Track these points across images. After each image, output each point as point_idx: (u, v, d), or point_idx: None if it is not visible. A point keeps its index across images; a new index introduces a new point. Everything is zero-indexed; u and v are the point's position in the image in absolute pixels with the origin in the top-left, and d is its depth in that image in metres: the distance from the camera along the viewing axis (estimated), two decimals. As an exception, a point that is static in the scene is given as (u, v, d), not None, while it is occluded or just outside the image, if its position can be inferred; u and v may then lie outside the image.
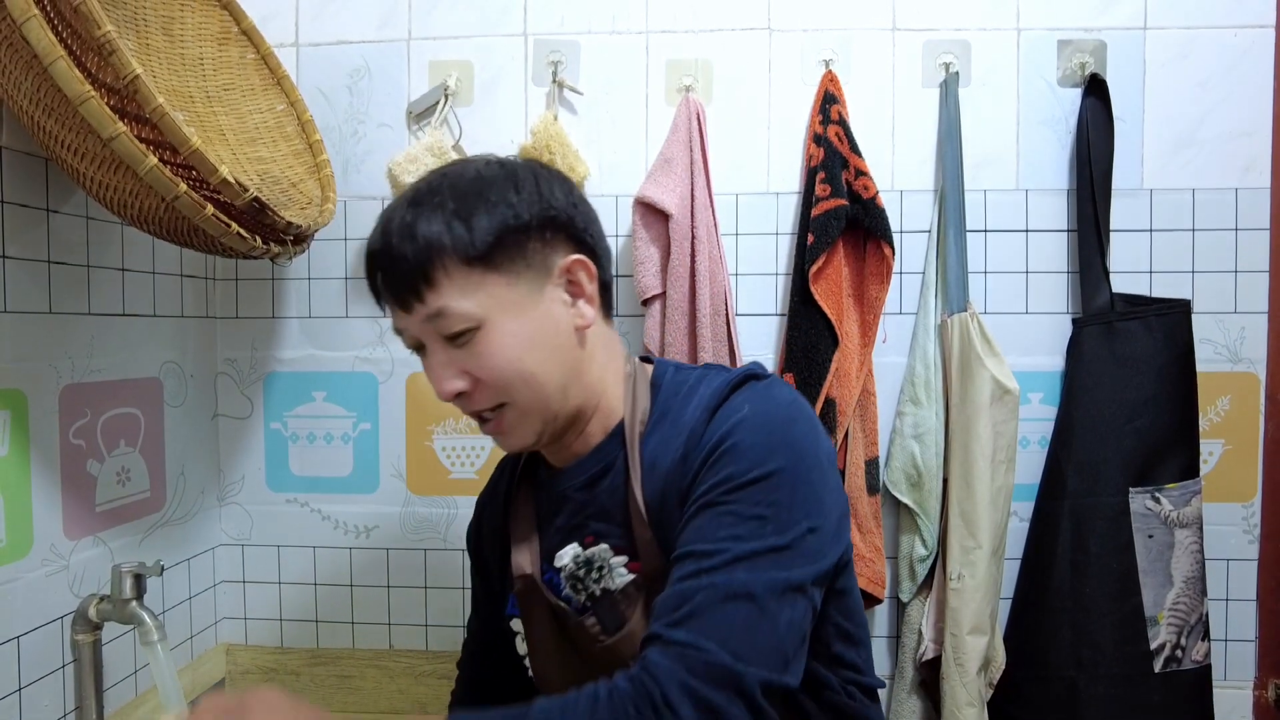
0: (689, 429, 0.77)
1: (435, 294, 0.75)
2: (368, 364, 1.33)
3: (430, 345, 0.78)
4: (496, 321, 0.76)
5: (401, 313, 0.78)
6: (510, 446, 0.82)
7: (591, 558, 0.81)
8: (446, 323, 0.75)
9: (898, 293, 1.27)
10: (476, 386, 0.77)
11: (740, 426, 0.74)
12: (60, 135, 0.84)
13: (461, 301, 0.75)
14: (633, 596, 0.78)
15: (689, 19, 1.28)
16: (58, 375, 1.01)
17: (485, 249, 0.75)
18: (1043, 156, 1.26)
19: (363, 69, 1.31)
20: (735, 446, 0.73)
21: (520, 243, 0.77)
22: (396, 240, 0.76)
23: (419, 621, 1.34)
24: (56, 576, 1.00)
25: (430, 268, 0.75)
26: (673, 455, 0.77)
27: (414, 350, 0.81)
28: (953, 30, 1.26)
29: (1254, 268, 1.24)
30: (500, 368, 0.76)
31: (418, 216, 0.76)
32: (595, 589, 0.80)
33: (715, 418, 0.76)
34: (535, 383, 0.78)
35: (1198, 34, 1.23)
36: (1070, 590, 1.18)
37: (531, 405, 0.78)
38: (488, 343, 0.76)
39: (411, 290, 0.75)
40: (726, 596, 0.66)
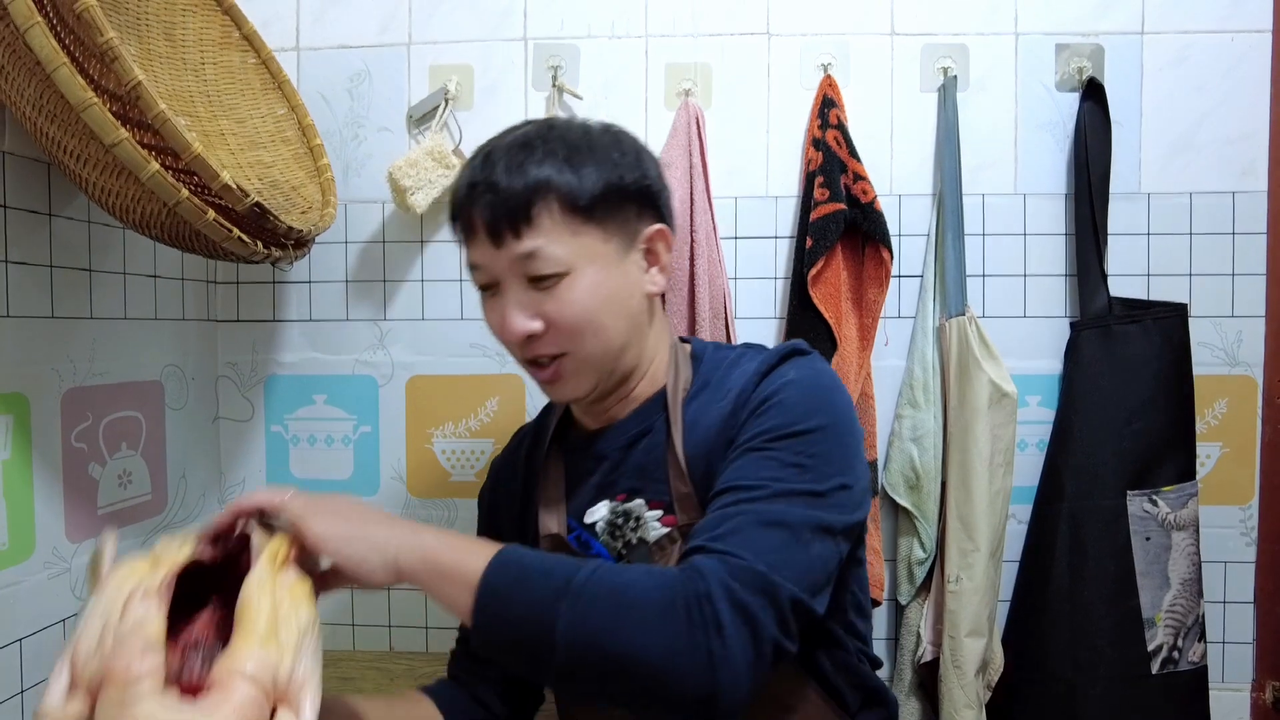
0: (737, 389, 0.81)
1: (533, 234, 0.77)
2: (368, 367, 1.33)
3: (508, 283, 0.80)
4: (583, 272, 0.78)
5: (491, 246, 0.79)
6: (561, 395, 0.84)
7: (630, 509, 0.84)
8: (536, 264, 0.77)
9: (896, 296, 1.28)
10: (547, 331, 0.80)
11: (788, 386, 0.78)
12: (63, 141, 0.84)
13: (556, 247, 0.77)
14: (667, 549, 0.81)
15: (688, 23, 1.29)
16: (60, 379, 1.01)
17: (589, 200, 0.78)
18: (1041, 160, 1.26)
19: (363, 73, 1.32)
20: (782, 402, 0.77)
21: (619, 202, 0.80)
22: (504, 174, 0.77)
23: (419, 624, 1.34)
24: (58, 579, 1.01)
25: (535, 207, 0.77)
26: (719, 413, 0.81)
27: (482, 288, 0.83)
28: (951, 34, 1.27)
29: (1251, 271, 1.24)
30: (576, 316, 0.79)
31: (528, 157, 0.78)
32: (632, 538, 0.83)
33: (764, 381, 0.80)
34: (604, 336, 0.81)
35: (1195, 38, 1.24)
36: (1068, 592, 1.18)
37: (593, 357, 0.81)
38: (570, 290, 0.78)
39: (510, 225, 0.77)
40: (764, 522, 0.69)
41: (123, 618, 0.56)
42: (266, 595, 0.60)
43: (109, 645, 0.55)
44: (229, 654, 0.57)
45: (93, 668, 0.55)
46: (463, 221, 0.81)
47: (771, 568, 0.66)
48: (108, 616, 0.57)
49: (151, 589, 0.58)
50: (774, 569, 0.66)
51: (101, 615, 0.57)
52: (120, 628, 0.55)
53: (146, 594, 0.57)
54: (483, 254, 0.80)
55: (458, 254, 1.32)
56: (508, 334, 0.80)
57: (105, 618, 0.57)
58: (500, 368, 1.32)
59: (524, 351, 0.82)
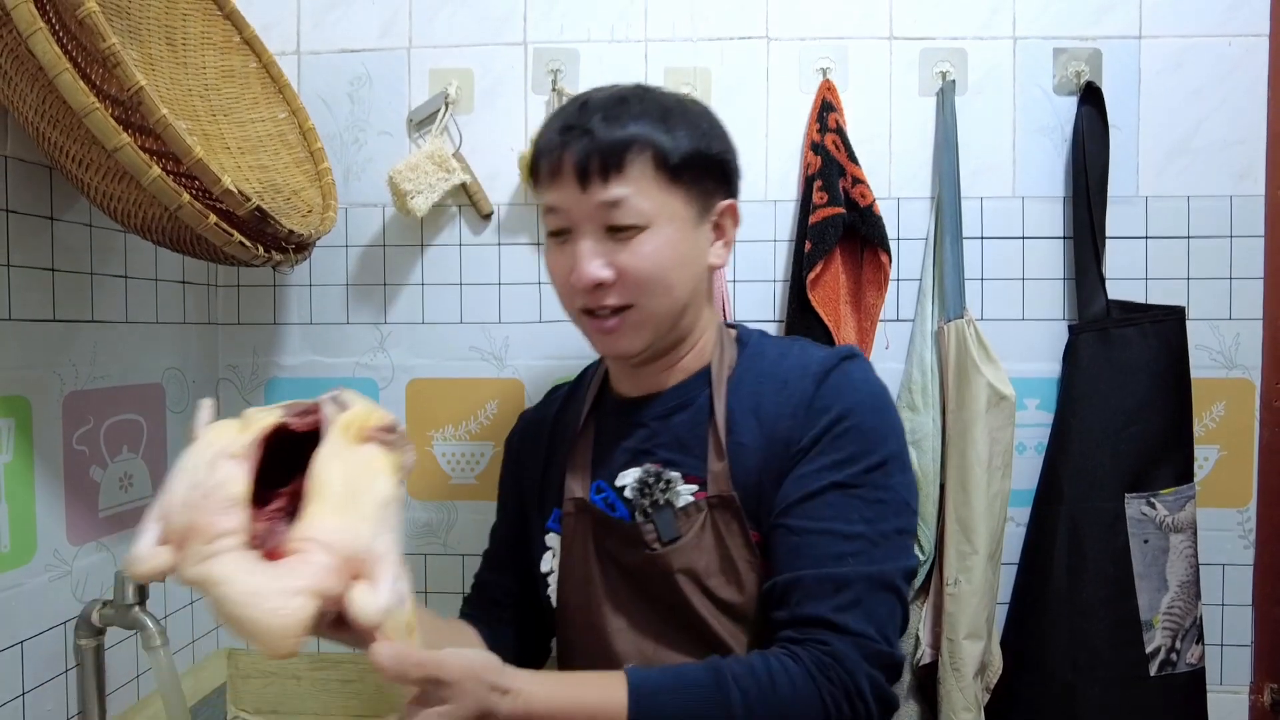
0: (797, 389, 0.84)
1: (622, 183, 0.80)
2: (368, 370, 1.34)
3: (584, 230, 0.82)
4: (661, 229, 0.82)
5: (576, 189, 0.81)
6: (616, 348, 0.86)
7: (661, 473, 0.86)
8: (620, 213, 0.80)
9: (895, 299, 1.28)
10: (617, 281, 0.82)
11: (859, 408, 0.82)
12: (65, 146, 0.85)
13: (641, 199, 0.80)
14: (693, 515, 0.84)
15: (687, 28, 1.29)
16: (61, 382, 1.02)
17: (679, 161, 0.81)
18: (1039, 164, 1.27)
19: (364, 77, 1.32)
20: (857, 427, 0.81)
21: (703, 170, 0.84)
22: (601, 123, 0.80)
23: (419, 626, 1.34)
24: (60, 582, 1.01)
25: (629, 157, 0.80)
26: (774, 405, 0.84)
27: (554, 233, 0.85)
28: (949, 39, 1.27)
29: (1248, 274, 1.25)
30: (649, 270, 0.81)
31: (625, 111, 0.81)
32: (660, 499, 0.85)
33: (825, 384, 0.83)
34: (670, 295, 0.84)
35: (1192, 43, 1.24)
36: (1066, 595, 1.18)
37: (655, 314, 0.84)
38: (646, 244, 0.81)
39: (601, 170, 0.80)
40: (876, 585, 0.76)
41: (208, 476, 0.57)
42: (338, 465, 0.60)
43: (193, 501, 0.56)
44: (303, 521, 0.57)
45: (179, 521, 0.55)
46: (548, 163, 0.83)
47: (889, 641, 0.75)
48: (195, 473, 0.57)
49: (239, 450, 0.59)
50: (890, 642, 0.75)
51: (190, 471, 0.58)
52: (206, 486, 0.56)
53: (234, 455, 0.58)
54: (565, 197, 0.82)
55: (458, 257, 1.32)
56: (579, 278, 0.82)
57: (193, 474, 0.57)
58: (499, 371, 1.32)
59: (589, 300, 0.83)
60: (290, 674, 1.35)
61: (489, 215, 1.32)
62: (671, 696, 0.71)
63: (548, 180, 0.84)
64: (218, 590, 0.53)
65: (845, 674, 0.72)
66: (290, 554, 0.56)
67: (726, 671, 0.73)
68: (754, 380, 0.87)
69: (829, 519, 0.78)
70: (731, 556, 0.83)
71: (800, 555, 0.78)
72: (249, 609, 0.52)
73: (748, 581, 0.83)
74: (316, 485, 0.59)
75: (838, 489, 0.79)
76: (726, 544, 0.83)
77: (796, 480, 0.81)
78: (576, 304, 0.85)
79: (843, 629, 0.74)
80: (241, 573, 0.54)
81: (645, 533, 0.85)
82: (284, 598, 0.53)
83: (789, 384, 0.85)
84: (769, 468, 0.83)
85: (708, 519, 0.84)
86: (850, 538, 0.77)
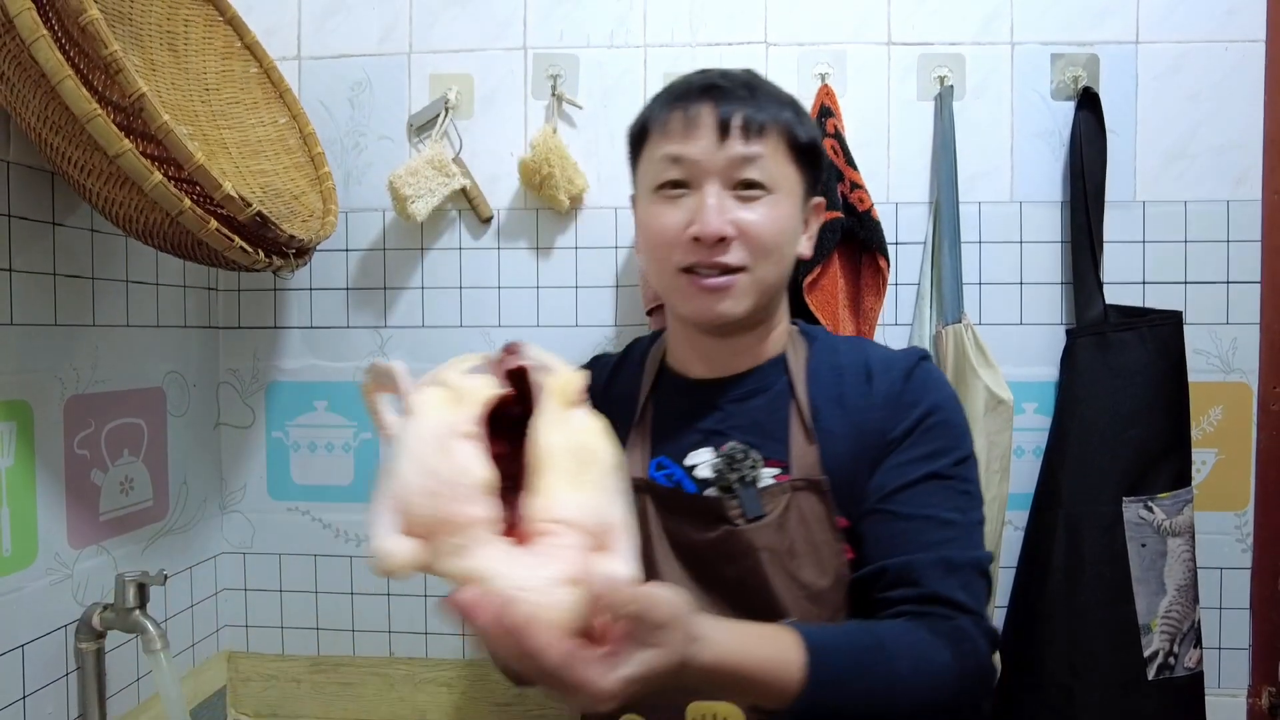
0: (883, 384, 0.87)
1: (763, 143, 0.83)
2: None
3: (709, 186, 0.83)
4: (782, 199, 0.85)
5: (713, 141, 0.83)
6: (720, 310, 0.86)
7: (748, 451, 0.87)
8: (754, 169, 0.83)
9: (893, 304, 1.28)
10: (739, 239, 0.83)
11: (945, 404, 0.87)
12: (66, 151, 0.85)
13: (772, 165, 0.84)
14: (775, 495, 0.85)
15: (686, 33, 1.30)
16: (62, 386, 1.02)
17: (806, 145, 0.87)
18: (1037, 169, 1.27)
19: (364, 82, 1.33)
20: (946, 422, 0.86)
21: (815, 161, 0.89)
22: (747, 89, 0.85)
23: (419, 629, 1.34)
24: (60, 585, 1.02)
25: (770, 125, 0.84)
26: (860, 394, 0.87)
27: (670, 184, 0.85)
28: (947, 44, 1.28)
29: (1245, 279, 1.25)
30: (771, 233, 0.84)
31: (764, 86, 0.87)
32: (748, 475, 0.86)
33: (912, 380, 0.87)
34: (781, 264, 0.87)
35: (1189, 48, 1.25)
36: (1065, 598, 1.19)
37: (765, 281, 0.86)
38: (768, 208, 0.84)
39: (744, 128, 0.83)
40: (977, 570, 0.81)
41: (445, 460, 0.54)
42: (559, 435, 0.57)
43: (434, 489, 0.53)
44: (541, 498, 0.55)
45: (423, 512, 0.53)
46: (682, 113, 0.85)
47: (987, 617, 0.81)
48: (427, 458, 0.54)
49: (470, 429, 0.55)
50: (987, 618, 0.81)
51: (420, 456, 0.54)
52: (445, 472, 0.53)
53: (467, 434, 0.55)
54: (696, 148, 0.84)
55: (458, 261, 1.33)
56: (705, 228, 0.82)
57: (425, 459, 0.54)
58: (500, 374, 1.32)
59: (701, 255, 0.84)
60: (290, 677, 1.35)
61: (489, 219, 1.32)
62: (844, 658, 0.71)
63: (679, 132, 0.85)
64: (484, 586, 0.51)
65: (972, 646, 0.76)
66: (537, 537, 0.54)
67: (886, 638, 0.74)
68: (831, 371, 0.90)
69: (929, 506, 0.82)
70: (815, 540, 0.84)
71: (907, 540, 0.81)
72: (520, 605, 0.51)
73: (829, 566, 0.84)
74: (544, 457, 0.56)
75: (933, 479, 0.83)
76: (811, 527, 0.85)
77: (892, 470, 0.84)
78: (681, 259, 0.85)
79: (963, 606, 0.78)
80: (502, 565, 0.52)
81: (729, 508, 0.85)
82: (550, 588, 0.52)
83: (873, 377, 0.88)
84: (862, 456, 0.85)
85: (791, 501, 0.85)
86: (947, 524, 0.81)
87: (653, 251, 0.88)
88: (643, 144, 0.90)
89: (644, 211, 0.89)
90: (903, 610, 0.79)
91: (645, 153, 0.90)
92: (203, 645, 1.31)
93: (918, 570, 0.79)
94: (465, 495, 0.53)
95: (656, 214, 0.86)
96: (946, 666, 0.74)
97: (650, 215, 0.87)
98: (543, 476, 0.55)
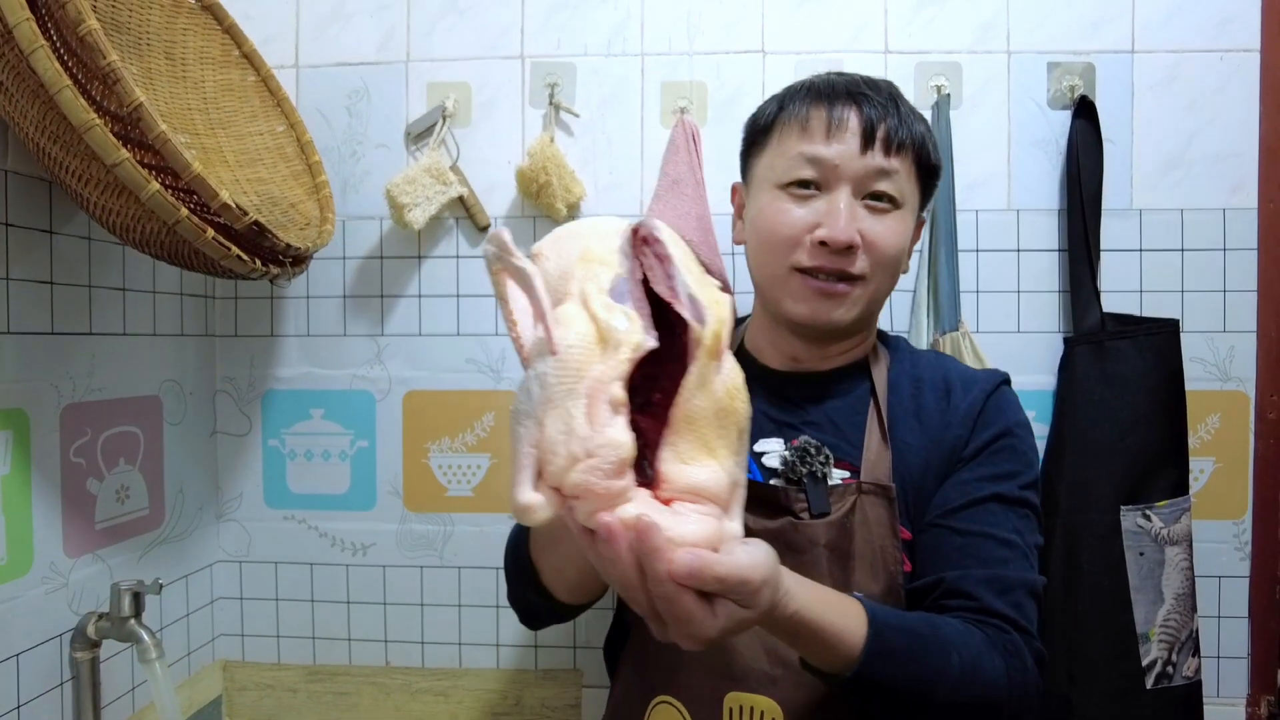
0: (964, 401, 0.89)
1: (901, 158, 0.85)
2: (365, 382, 1.34)
3: (840, 189, 0.84)
4: (906, 215, 0.87)
5: (856, 147, 0.84)
6: (833, 316, 0.87)
7: (821, 446, 0.87)
8: (888, 182, 0.84)
9: (890, 311, 1.29)
10: (864, 250, 0.85)
11: (1019, 429, 0.89)
12: (64, 161, 0.85)
13: (904, 181, 0.86)
14: (842, 495, 0.86)
15: (683, 42, 1.30)
16: (59, 395, 1.02)
17: (930, 167, 0.89)
18: (1034, 177, 1.27)
19: (362, 90, 1.33)
20: (1016, 447, 0.87)
21: (933, 183, 0.92)
22: (895, 102, 0.86)
23: (415, 639, 1.34)
24: (56, 594, 1.01)
25: (908, 141, 0.85)
26: (938, 410, 0.89)
27: (799, 183, 0.86)
28: (944, 53, 1.28)
29: (1242, 287, 1.25)
30: (892, 246, 0.86)
31: (904, 103, 0.88)
32: (819, 471, 0.86)
33: (992, 400, 0.89)
34: (892, 279, 0.89)
35: (1184, 57, 1.25)
36: (1063, 607, 1.18)
37: (878, 293, 0.88)
38: (894, 222, 0.86)
39: (886, 140, 0.84)
40: (1032, 593, 0.82)
41: (592, 428, 0.52)
42: (706, 397, 0.56)
43: (579, 455, 0.52)
44: (687, 467, 0.55)
45: (561, 471, 0.53)
46: (826, 113, 0.85)
47: (1037, 638, 0.81)
48: (571, 416, 0.53)
49: (618, 398, 0.53)
50: (1037, 638, 0.81)
51: (563, 409, 0.53)
52: (593, 441, 0.52)
53: (615, 401, 0.53)
54: (836, 151, 0.84)
55: (455, 270, 1.33)
56: (836, 233, 0.83)
57: (569, 416, 0.53)
58: (496, 383, 1.32)
59: (829, 260, 0.84)
60: (286, 686, 1.35)
61: (486, 228, 1.32)
62: (903, 638, 0.72)
63: (820, 132, 0.85)
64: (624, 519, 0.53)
65: (1022, 663, 0.77)
66: (677, 501, 0.55)
67: (947, 632, 0.75)
68: (911, 383, 0.91)
69: (990, 525, 0.83)
70: (874, 545, 0.85)
71: (965, 555, 0.82)
72: (659, 533, 0.52)
73: (884, 572, 0.85)
74: (691, 421, 0.56)
75: (998, 500, 0.84)
76: (873, 531, 0.85)
77: (959, 485, 0.85)
78: (798, 260, 0.86)
79: (1016, 624, 0.79)
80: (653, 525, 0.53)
81: (795, 500, 0.85)
82: (685, 535, 0.54)
83: (953, 392, 0.89)
84: (932, 469, 0.87)
85: (857, 503, 0.85)
86: (1008, 544, 0.82)
87: (769, 246, 0.88)
88: (769, 135, 0.90)
89: (766, 205, 0.88)
90: (960, 619, 0.80)
91: (773, 145, 0.89)
92: (198, 654, 1.31)
93: (972, 585, 0.80)
94: (612, 470, 0.52)
95: (782, 210, 0.86)
96: (999, 674, 0.75)
97: (775, 210, 0.87)
98: (686, 439, 0.56)
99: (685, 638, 0.56)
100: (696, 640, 0.56)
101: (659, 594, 0.54)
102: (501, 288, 0.59)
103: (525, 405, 0.55)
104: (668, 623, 0.56)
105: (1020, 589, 0.81)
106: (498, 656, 1.33)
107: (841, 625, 0.69)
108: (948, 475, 0.87)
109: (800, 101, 0.87)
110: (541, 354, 0.55)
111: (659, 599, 0.54)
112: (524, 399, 0.55)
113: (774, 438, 0.90)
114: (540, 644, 1.33)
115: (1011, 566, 0.81)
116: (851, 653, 0.69)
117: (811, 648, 0.70)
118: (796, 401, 0.92)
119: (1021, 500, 0.85)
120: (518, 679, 1.32)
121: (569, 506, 0.54)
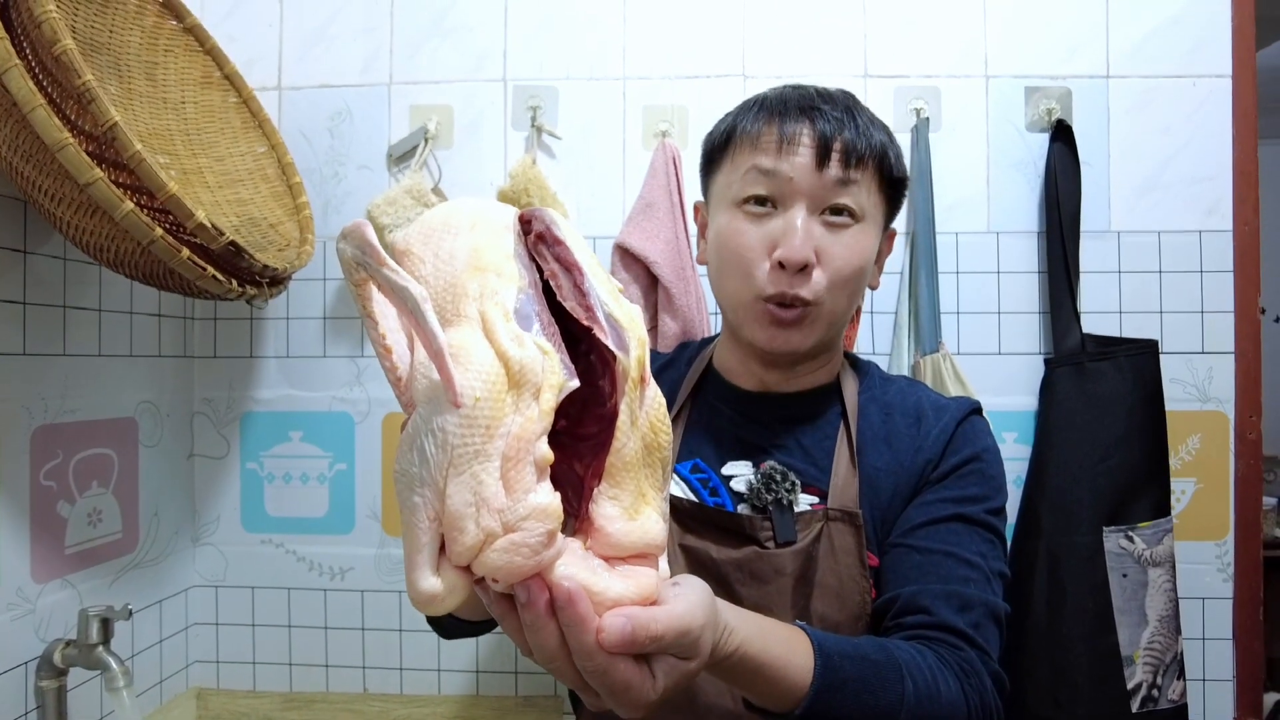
0: (935, 427, 0.87)
1: (860, 171, 0.82)
2: (344, 404, 1.33)
3: (796, 208, 0.81)
4: (866, 231, 0.84)
5: (811, 162, 0.81)
6: (790, 344, 0.84)
7: (788, 472, 0.85)
8: (847, 195, 0.81)
9: (870, 333, 1.29)
10: (820, 267, 0.82)
11: (987, 453, 0.87)
12: (38, 180, 0.85)
13: (863, 194, 0.83)
14: (809, 522, 0.84)
15: (665, 66, 1.31)
16: (30, 416, 1.01)
17: (895, 178, 0.86)
18: (1013, 200, 1.29)
19: (344, 112, 1.33)
20: (984, 472, 0.85)
21: (900, 195, 0.89)
22: (850, 114, 0.82)
23: (394, 665, 1.32)
24: (22, 620, 0.99)
25: (868, 152, 0.82)
26: (909, 437, 0.87)
27: (757, 199, 0.83)
28: (923, 77, 1.29)
29: (1219, 309, 1.26)
30: (848, 265, 0.82)
31: (863, 112, 0.84)
32: (784, 498, 0.84)
33: (964, 427, 0.87)
34: (854, 296, 0.86)
35: (1158, 83, 1.27)
36: (1046, 630, 1.18)
37: (833, 315, 0.85)
38: (852, 238, 0.83)
39: (844, 154, 0.81)
40: (992, 616, 0.79)
41: (512, 497, 0.43)
42: (635, 434, 0.49)
43: (496, 530, 0.43)
44: (635, 521, 0.48)
45: (481, 555, 0.44)
46: (779, 128, 0.82)
47: (994, 661, 0.77)
48: (477, 484, 0.43)
49: (544, 456, 0.44)
50: (996, 662, 0.77)
51: (466, 477, 0.43)
52: (513, 511, 0.43)
53: (540, 465, 0.44)
54: (790, 166, 0.81)
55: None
56: (790, 252, 0.80)
57: (473, 483, 0.43)
58: (478, 404, 1.31)
59: (783, 284, 0.81)
60: (262, 714, 1.32)
61: (468, 249, 1.32)
62: (853, 665, 0.68)
63: (773, 147, 0.82)
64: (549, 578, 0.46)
65: (980, 682, 0.74)
66: (614, 562, 0.48)
67: (899, 656, 0.71)
68: (881, 409, 0.90)
69: (952, 544, 0.81)
70: (841, 573, 0.83)
71: (925, 572, 0.80)
72: (585, 600, 0.46)
73: (850, 601, 0.83)
74: (626, 466, 0.48)
75: (961, 520, 0.82)
76: (839, 558, 0.83)
77: (921, 506, 0.84)
78: (761, 289, 0.82)
79: (973, 642, 0.76)
80: (575, 572, 0.46)
81: (760, 529, 0.83)
82: (617, 595, 0.47)
83: (924, 419, 0.87)
84: (901, 494, 0.85)
85: (823, 530, 0.83)
86: (969, 564, 0.80)
87: (730, 268, 0.85)
88: (724, 153, 0.88)
89: (724, 225, 0.86)
90: (913, 635, 0.77)
91: (728, 162, 0.87)
92: (171, 681, 1.28)
93: (929, 600, 0.78)
94: (541, 544, 0.44)
95: (739, 230, 0.84)
96: (956, 695, 0.72)
97: (732, 230, 0.84)
98: (626, 490, 0.48)
99: (623, 706, 0.50)
100: (637, 708, 0.50)
101: (588, 668, 0.47)
102: (366, 302, 0.48)
103: (418, 469, 0.44)
104: (601, 694, 0.49)
105: (980, 608, 0.78)
106: (477, 683, 1.31)
107: (787, 659, 0.64)
108: (912, 499, 0.85)
109: (753, 117, 0.85)
110: (436, 402, 0.44)
111: (589, 673, 0.48)
112: (414, 460, 0.44)
113: (743, 460, 0.89)
114: (520, 670, 1.31)
115: (972, 586, 0.79)
116: (799, 688, 0.64)
117: (755, 686, 0.64)
118: (766, 423, 0.90)
119: (986, 524, 0.83)
120: (498, 705, 1.30)
121: (484, 587, 0.46)
